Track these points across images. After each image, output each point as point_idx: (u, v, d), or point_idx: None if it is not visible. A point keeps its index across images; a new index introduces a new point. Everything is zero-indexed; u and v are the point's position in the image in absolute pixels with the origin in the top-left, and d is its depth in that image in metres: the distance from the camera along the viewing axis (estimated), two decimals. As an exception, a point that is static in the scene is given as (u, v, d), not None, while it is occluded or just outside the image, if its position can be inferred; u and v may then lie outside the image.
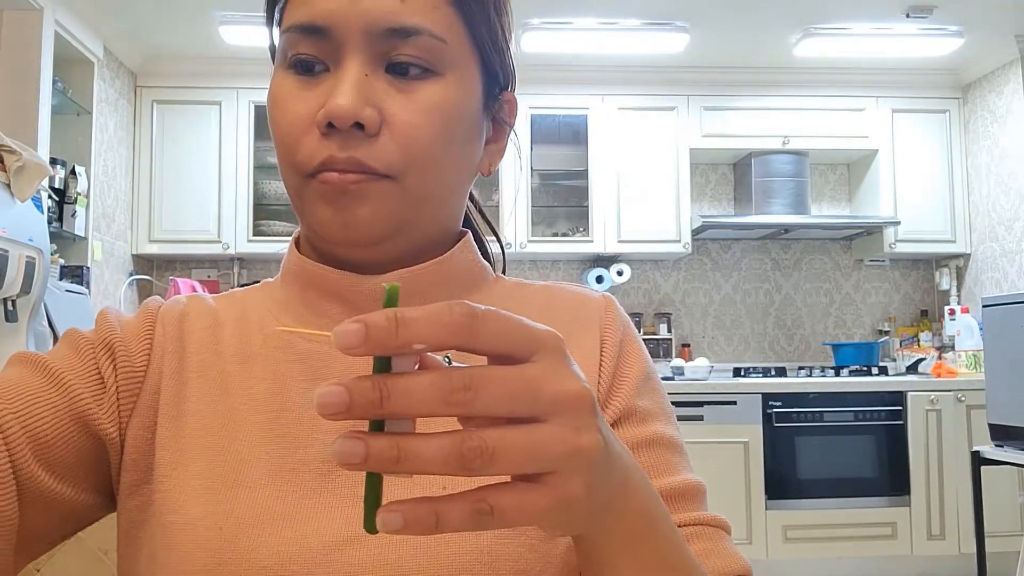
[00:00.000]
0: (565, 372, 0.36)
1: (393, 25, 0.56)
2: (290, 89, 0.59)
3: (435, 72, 0.58)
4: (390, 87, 0.57)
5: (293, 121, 0.58)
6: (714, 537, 0.61)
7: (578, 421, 0.35)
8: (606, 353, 0.65)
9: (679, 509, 0.61)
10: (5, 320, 1.82)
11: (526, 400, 0.34)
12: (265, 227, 4.00)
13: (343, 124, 0.55)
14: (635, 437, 0.62)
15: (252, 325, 0.65)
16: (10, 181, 1.81)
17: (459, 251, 0.66)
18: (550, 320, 0.65)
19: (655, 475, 0.61)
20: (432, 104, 0.57)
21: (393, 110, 0.57)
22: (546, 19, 3.63)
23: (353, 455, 0.32)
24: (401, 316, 0.32)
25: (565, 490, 0.35)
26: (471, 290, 0.67)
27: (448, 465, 0.32)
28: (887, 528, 3.58)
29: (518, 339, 0.35)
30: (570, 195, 4.25)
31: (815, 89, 4.20)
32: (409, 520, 0.32)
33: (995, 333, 2.53)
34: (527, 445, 0.33)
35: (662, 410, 0.65)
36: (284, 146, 0.58)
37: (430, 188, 0.59)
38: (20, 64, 2.96)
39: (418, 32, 0.56)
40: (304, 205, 0.59)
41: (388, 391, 0.32)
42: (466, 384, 0.32)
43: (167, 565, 0.56)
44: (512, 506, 0.34)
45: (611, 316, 0.67)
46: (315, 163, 0.56)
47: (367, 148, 0.56)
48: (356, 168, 0.56)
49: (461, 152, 0.61)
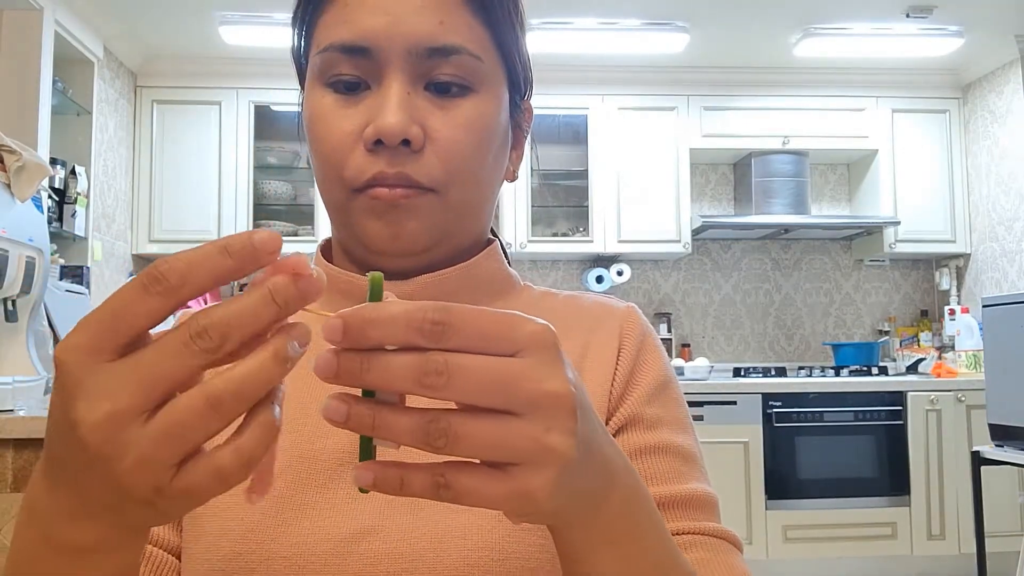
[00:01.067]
0: (549, 370, 0.36)
1: (434, 45, 0.59)
2: (332, 107, 0.61)
3: (472, 88, 0.61)
4: (431, 104, 0.60)
5: (340, 138, 0.60)
6: (716, 549, 0.60)
7: (551, 421, 0.35)
8: (622, 360, 0.65)
9: (681, 518, 0.60)
10: (5, 320, 1.82)
11: (500, 393, 0.35)
12: (265, 227, 3.99)
13: (392, 141, 0.57)
14: (639, 444, 0.63)
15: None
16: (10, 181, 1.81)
17: (485, 258, 0.68)
18: (574, 328, 0.67)
19: (659, 482, 0.61)
20: (471, 120, 0.60)
21: (435, 126, 0.59)
22: (546, 19, 3.63)
23: (337, 412, 0.35)
24: (372, 317, 0.34)
25: (525, 484, 0.35)
26: (497, 296, 0.69)
27: (414, 439, 0.34)
28: (887, 528, 3.58)
29: (498, 335, 0.35)
30: (570, 195, 4.25)
31: (815, 89, 4.20)
32: (378, 479, 0.35)
33: (995, 333, 2.53)
34: (491, 435, 0.35)
35: (675, 419, 0.65)
36: (330, 162, 0.61)
37: (470, 199, 0.63)
38: (20, 64, 2.96)
39: (457, 52, 0.59)
40: (351, 218, 0.62)
41: (368, 364, 0.34)
42: (440, 369, 0.34)
43: (195, 554, 0.58)
44: (468, 487, 0.35)
45: (631, 324, 0.68)
46: (364, 179, 0.59)
47: (413, 164, 0.59)
48: (404, 183, 0.59)
49: (495, 163, 0.65)
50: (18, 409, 1.62)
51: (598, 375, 0.64)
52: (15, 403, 1.64)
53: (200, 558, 0.58)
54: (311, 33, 0.63)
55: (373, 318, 0.34)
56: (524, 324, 0.36)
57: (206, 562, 0.57)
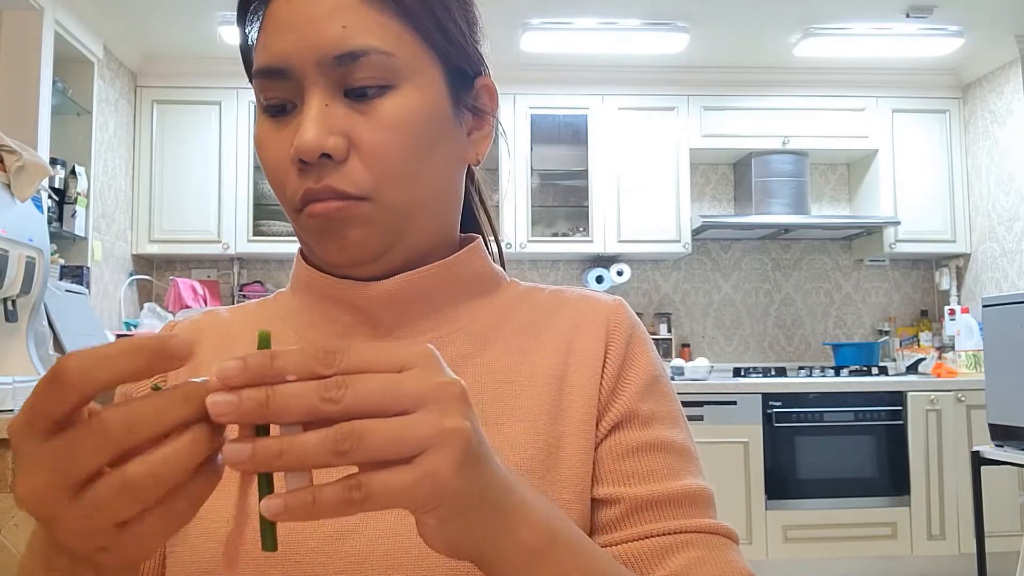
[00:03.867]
0: (433, 371, 0.39)
1: (339, 51, 0.58)
2: (267, 132, 0.62)
3: (391, 86, 0.59)
4: (351, 111, 0.59)
5: (275, 162, 0.61)
6: (712, 545, 0.59)
7: (444, 407, 0.38)
8: (610, 356, 0.65)
9: (677, 515, 0.60)
10: (5, 320, 1.82)
11: (392, 397, 0.37)
12: (265, 227, 4.00)
13: (311, 157, 0.57)
14: (636, 441, 0.62)
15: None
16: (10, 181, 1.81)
17: (465, 256, 0.67)
18: (559, 323, 0.67)
19: (653, 480, 0.61)
20: (394, 118, 0.59)
21: (358, 133, 0.59)
22: (546, 19, 3.63)
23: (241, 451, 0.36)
24: (271, 354, 0.37)
25: (432, 467, 0.37)
26: (480, 295, 0.68)
27: (322, 450, 0.36)
28: (887, 528, 3.58)
29: (383, 360, 0.38)
30: (570, 195, 4.25)
31: (815, 89, 4.20)
32: (289, 504, 0.36)
33: (995, 333, 2.53)
34: (393, 428, 0.37)
35: (668, 414, 0.65)
36: (273, 186, 0.62)
37: (412, 198, 0.61)
38: (20, 64, 2.96)
39: (365, 52, 0.58)
40: (301, 237, 0.64)
41: (273, 395, 0.36)
42: (338, 383, 0.36)
43: (181, 557, 0.59)
44: (381, 484, 0.37)
45: (618, 319, 0.67)
46: (298, 198, 0.60)
47: (338, 175, 0.58)
48: (333, 195, 0.59)
49: (435, 155, 0.62)
50: (18, 409, 1.62)
51: (586, 371, 0.64)
52: (15, 403, 1.64)
53: (186, 560, 0.58)
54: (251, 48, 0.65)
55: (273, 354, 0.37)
56: (406, 347, 0.39)
57: (192, 564, 0.58)
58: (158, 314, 3.70)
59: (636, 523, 0.59)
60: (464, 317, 0.66)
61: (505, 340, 0.66)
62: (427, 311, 0.65)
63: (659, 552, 0.58)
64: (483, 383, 0.63)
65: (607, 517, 0.60)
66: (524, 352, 0.65)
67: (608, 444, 0.62)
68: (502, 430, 0.60)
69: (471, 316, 0.66)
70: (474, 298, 0.67)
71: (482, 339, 0.65)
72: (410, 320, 0.64)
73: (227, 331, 0.69)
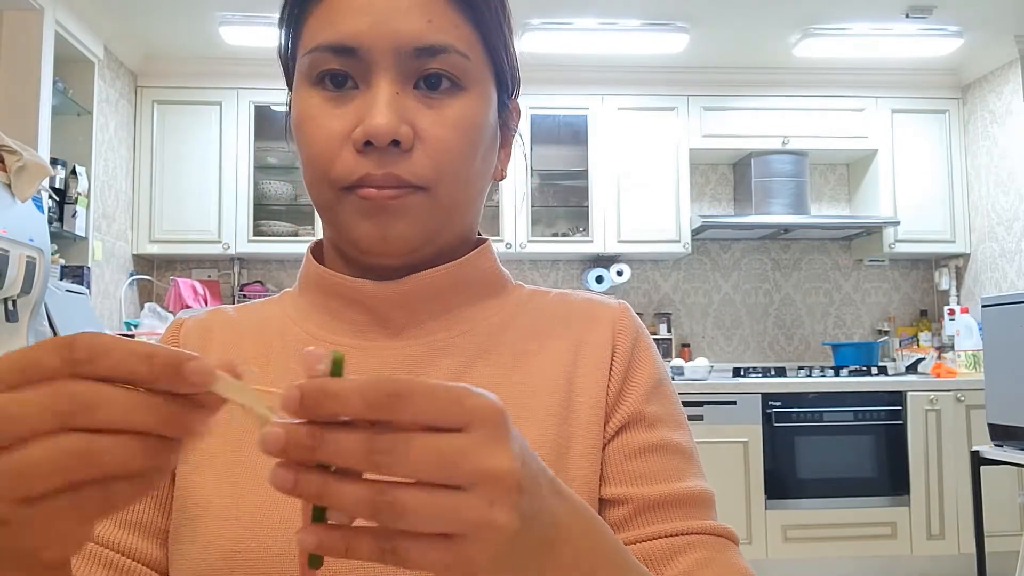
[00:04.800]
0: (494, 446, 0.37)
1: (421, 44, 0.58)
2: (320, 106, 0.60)
3: (461, 87, 0.61)
4: (420, 103, 0.59)
5: (328, 137, 0.59)
6: (715, 547, 0.61)
7: (494, 495, 0.36)
8: (617, 359, 0.66)
9: (681, 517, 0.61)
10: (6, 320, 1.83)
11: (444, 469, 0.35)
12: (265, 227, 4.00)
13: (382, 142, 0.57)
14: (642, 442, 0.64)
15: (272, 331, 0.68)
16: (11, 181, 1.81)
17: (476, 257, 0.68)
18: (565, 328, 0.67)
19: (660, 481, 0.62)
20: (460, 118, 0.60)
21: (424, 125, 0.59)
22: (546, 19, 3.64)
23: (284, 480, 0.35)
24: (329, 390, 0.35)
25: (467, 556, 0.36)
26: (488, 296, 0.69)
27: (361, 509, 0.35)
28: (887, 528, 3.59)
29: (446, 412, 0.36)
30: (570, 195, 4.25)
31: (815, 89, 4.20)
32: (323, 542, 0.36)
33: (994, 333, 2.54)
34: (435, 509, 0.35)
35: (672, 416, 0.66)
36: (319, 162, 0.60)
37: (458, 198, 0.62)
38: (20, 64, 2.96)
39: (445, 50, 0.59)
40: (340, 218, 0.61)
41: (320, 441, 0.35)
42: (387, 448, 0.35)
43: (190, 555, 0.59)
44: (413, 555, 0.36)
45: (624, 323, 0.68)
46: (353, 179, 0.59)
47: (403, 163, 0.58)
48: (393, 183, 0.58)
49: (484, 162, 0.64)
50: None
51: (593, 375, 0.65)
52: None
53: (197, 557, 0.59)
54: (299, 34, 0.63)
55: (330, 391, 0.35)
56: (471, 398, 0.37)
57: (202, 561, 0.58)
58: (158, 314, 3.70)
59: (644, 524, 0.61)
60: (473, 319, 0.67)
61: (513, 342, 0.66)
62: (437, 312, 0.65)
63: (668, 553, 0.60)
64: (493, 383, 0.63)
65: (615, 517, 0.62)
66: (532, 354, 0.66)
67: (615, 445, 0.63)
68: None
69: (480, 318, 0.67)
70: (483, 300, 0.68)
71: (491, 341, 0.66)
72: (420, 320, 0.65)
73: (234, 330, 0.69)
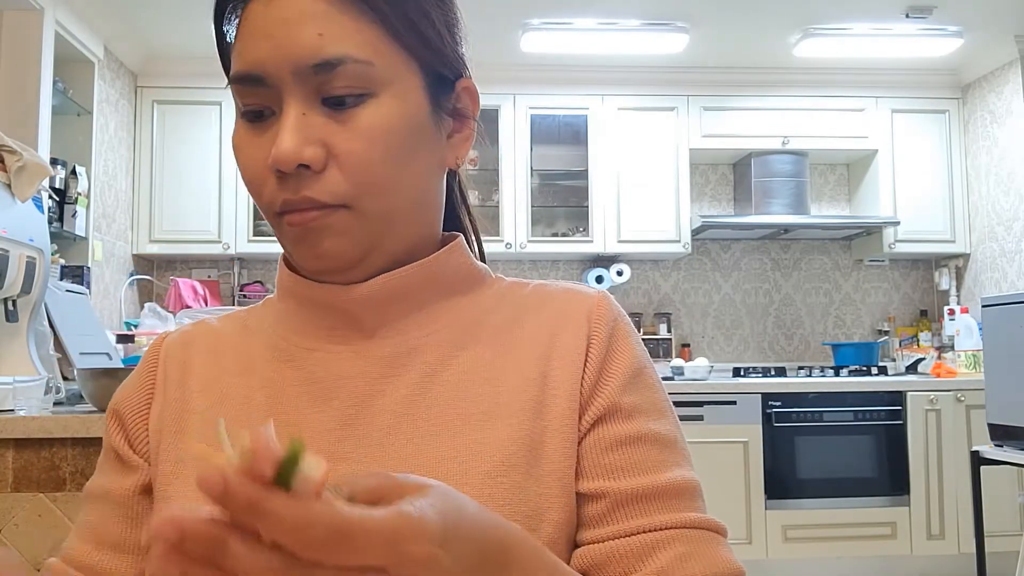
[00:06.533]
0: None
1: (316, 60, 0.57)
2: (245, 137, 0.62)
3: (369, 94, 0.59)
4: (329, 120, 0.58)
5: (252, 168, 0.61)
6: (698, 540, 0.58)
7: None
8: (592, 349, 0.64)
9: (661, 510, 0.59)
10: (5, 320, 1.83)
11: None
12: (265, 227, 4.00)
13: (288, 167, 0.57)
14: (619, 434, 0.61)
15: (253, 338, 0.69)
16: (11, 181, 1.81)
17: (446, 254, 0.67)
18: (540, 319, 0.66)
19: (637, 473, 0.60)
20: (372, 127, 0.59)
21: (336, 142, 0.58)
22: (546, 19, 3.64)
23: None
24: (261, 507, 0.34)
25: None
26: (463, 292, 0.68)
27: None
28: (887, 528, 3.59)
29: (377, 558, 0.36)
30: (570, 195, 4.25)
31: (815, 89, 4.20)
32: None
33: (994, 333, 2.54)
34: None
35: (653, 406, 0.64)
36: (251, 192, 0.62)
37: (389, 205, 0.61)
38: (20, 64, 2.96)
39: (341, 61, 0.57)
40: (281, 242, 0.63)
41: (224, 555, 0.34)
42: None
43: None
44: None
45: (601, 312, 0.66)
46: (276, 207, 0.60)
47: (316, 185, 0.58)
48: (311, 206, 0.58)
49: (414, 162, 0.62)
50: (18, 409, 1.62)
51: (568, 366, 0.63)
52: (15, 403, 1.64)
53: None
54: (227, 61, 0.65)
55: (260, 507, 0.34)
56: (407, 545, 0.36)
57: None
58: (158, 314, 3.70)
59: (621, 519, 0.59)
60: (447, 315, 0.66)
61: (488, 337, 0.65)
62: (408, 310, 0.65)
63: (644, 549, 0.57)
64: (466, 381, 0.62)
65: (592, 512, 0.60)
66: (507, 349, 0.64)
67: (591, 438, 0.61)
68: (485, 428, 0.60)
69: (454, 314, 0.66)
70: (456, 296, 0.67)
71: (465, 337, 0.65)
72: (392, 320, 0.64)
73: (216, 341, 0.69)
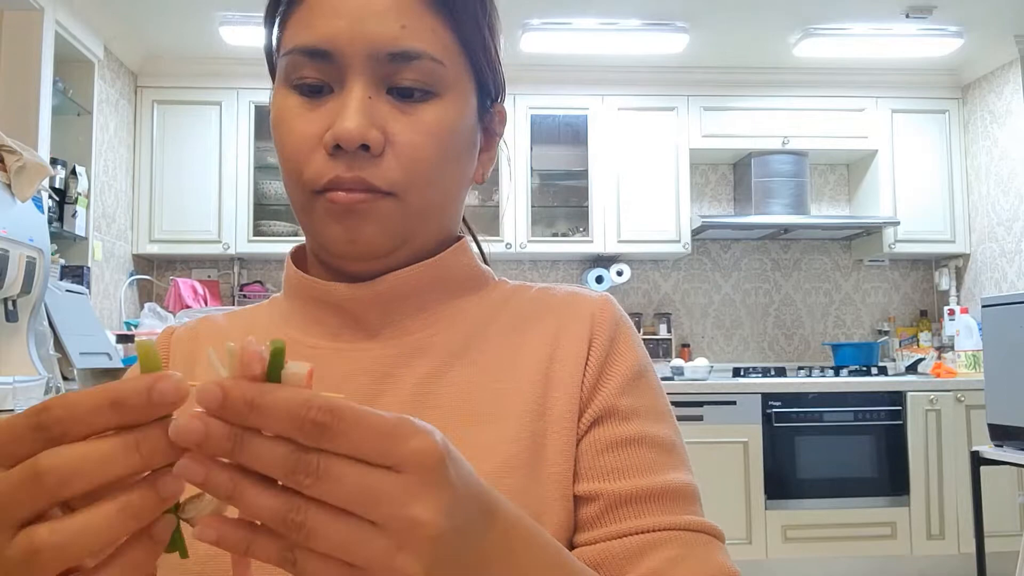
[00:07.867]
0: (421, 494, 0.35)
1: (395, 50, 0.58)
2: (295, 109, 0.61)
3: (435, 93, 0.60)
4: (393, 108, 0.59)
5: (300, 141, 0.60)
6: (692, 543, 0.58)
7: (405, 542, 0.35)
8: (593, 352, 0.64)
9: (655, 512, 0.59)
10: (5, 320, 1.83)
11: (364, 505, 0.35)
12: (265, 227, 4.00)
13: (350, 146, 0.57)
14: (616, 436, 0.61)
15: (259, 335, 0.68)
16: (11, 181, 1.82)
17: (451, 255, 0.67)
18: (544, 322, 0.66)
19: (632, 475, 0.60)
20: (432, 125, 0.60)
21: (396, 131, 0.59)
22: (546, 19, 3.64)
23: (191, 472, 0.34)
24: (255, 401, 0.34)
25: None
26: (466, 294, 0.68)
27: (270, 520, 0.34)
28: (886, 528, 3.59)
29: (380, 450, 0.35)
30: (570, 195, 4.25)
31: (815, 89, 4.20)
32: (223, 537, 0.35)
33: (994, 333, 2.54)
34: (345, 540, 0.35)
35: (652, 409, 0.64)
36: (291, 164, 0.61)
37: (430, 202, 0.62)
38: (20, 64, 2.96)
39: (419, 56, 0.59)
40: (312, 222, 0.62)
41: (241, 446, 0.34)
42: (311, 470, 0.34)
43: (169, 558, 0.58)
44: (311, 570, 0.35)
45: (604, 315, 0.66)
46: (323, 182, 0.59)
47: (372, 168, 0.58)
48: (361, 187, 0.59)
49: (458, 167, 0.64)
50: (18, 409, 1.62)
51: (569, 368, 0.63)
52: (15, 403, 1.64)
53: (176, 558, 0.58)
54: (280, 34, 0.64)
55: (256, 402, 0.34)
56: (409, 440, 0.35)
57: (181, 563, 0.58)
58: (158, 314, 3.70)
59: (614, 520, 0.58)
60: (451, 316, 0.66)
61: (492, 338, 0.66)
62: (412, 310, 0.65)
63: (635, 552, 0.57)
64: (470, 381, 0.62)
65: (586, 514, 0.59)
66: (511, 350, 0.65)
67: (588, 440, 0.61)
68: (488, 428, 0.60)
69: (458, 315, 0.66)
70: (461, 297, 0.67)
71: (469, 337, 0.65)
72: (396, 320, 0.64)
73: (222, 338, 0.69)
